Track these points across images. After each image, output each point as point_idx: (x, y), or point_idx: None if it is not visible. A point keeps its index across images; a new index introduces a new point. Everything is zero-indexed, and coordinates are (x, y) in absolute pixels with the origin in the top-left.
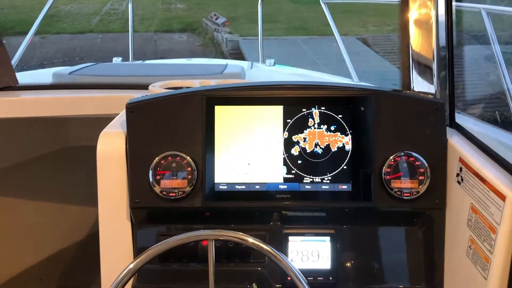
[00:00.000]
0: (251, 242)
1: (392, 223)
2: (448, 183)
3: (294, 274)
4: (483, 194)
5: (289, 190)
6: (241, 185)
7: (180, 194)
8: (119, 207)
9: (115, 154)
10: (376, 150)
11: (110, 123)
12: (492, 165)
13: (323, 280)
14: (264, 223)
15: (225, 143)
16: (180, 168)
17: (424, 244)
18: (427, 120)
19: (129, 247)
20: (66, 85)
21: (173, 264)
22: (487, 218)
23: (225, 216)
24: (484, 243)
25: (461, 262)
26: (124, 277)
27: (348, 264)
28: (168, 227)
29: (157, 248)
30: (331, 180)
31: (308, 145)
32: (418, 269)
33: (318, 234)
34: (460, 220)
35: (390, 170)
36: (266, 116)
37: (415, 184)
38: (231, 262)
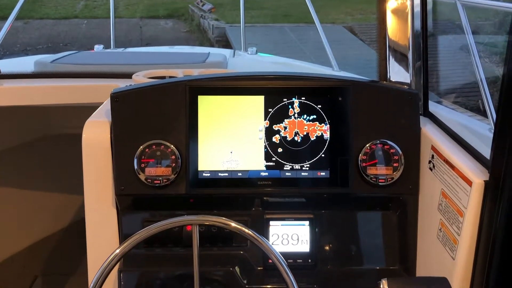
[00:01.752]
0: (234, 227)
1: (368, 207)
2: (421, 170)
3: (275, 256)
4: (452, 180)
5: (270, 177)
6: (224, 172)
7: (165, 182)
8: (104, 194)
9: (100, 143)
10: (353, 139)
11: (94, 112)
12: (462, 152)
13: (302, 262)
14: (246, 208)
15: (208, 132)
16: (165, 156)
17: (398, 227)
18: (402, 110)
19: (115, 233)
20: (49, 74)
21: (158, 248)
22: (455, 203)
23: (208, 202)
24: (453, 226)
25: (432, 244)
26: (111, 262)
27: (326, 247)
28: (153, 214)
29: (143, 234)
30: (310, 167)
31: (288, 134)
32: (392, 251)
33: (298, 219)
34: (432, 205)
35: (366, 158)
36: (248, 106)
37: (390, 170)
38: (214, 246)
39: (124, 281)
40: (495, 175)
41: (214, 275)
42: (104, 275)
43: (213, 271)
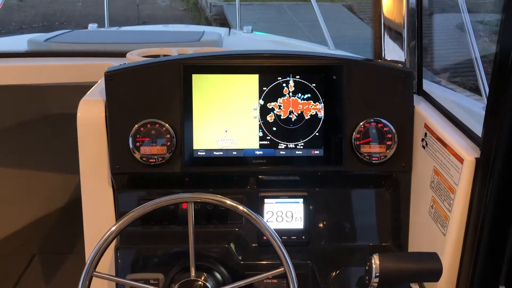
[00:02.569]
0: (229, 204)
1: (361, 185)
2: (414, 148)
3: (269, 233)
4: (444, 158)
5: (264, 155)
6: (219, 151)
7: (160, 160)
8: (100, 172)
9: (95, 122)
10: (347, 117)
11: (89, 91)
12: (454, 130)
13: (296, 239)
14: (241, 187)
15: (202, 110)
16: (159, 135)
17: (391, 204)
18: (396, 88)
19: (111, 211)
20: (43, 53)
21: (154, 226)
22: (447, 180)
23: (203, 181)
24: (444, 202)
25: (424, 220)
26: (107, 239)
27: (320, 224)
28: (149, 192)
29: (139, 211)
30: (304, 146)
31: (283, 113)
32: (385, 227)
33: (292, 197)
34: (424, 182)
35: (360, 136)
36: (242, 84)
37: (383, 148)
38: (209, 223)
39: (121, 258)
40: (486, 153)
41: (210, 251)
42: (100, 252)
43: (208, 248)
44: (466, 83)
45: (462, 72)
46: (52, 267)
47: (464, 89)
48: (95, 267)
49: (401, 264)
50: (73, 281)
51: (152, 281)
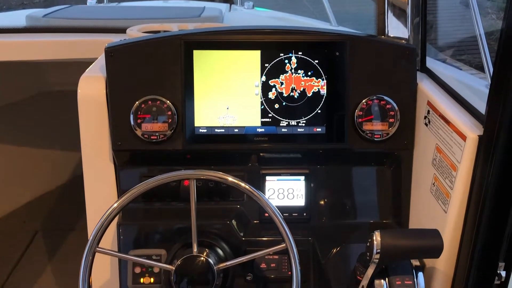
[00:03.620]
0: (231, 181)
1: (363, 163)
2: (416, 125)
3: (271, 209)
4: (447, 135)
5: (266, 133)
6: (220, 128)
7: (161, 137)
8: (102, 149)
9: (96, 98)
10: (349, 94)
11: (89, 67)
12: (458, 108)
13: (297, 216)
14: (242, 164)
15: (204, 87)
16: (161, 112)
17: (392, 182)
18: (399, 65)
19: (113, 189)
20: (41, 29)
21: (156, 203)
22: (449, 157)
23: (205, 158)
24: (446, 180)
25: (425, 198)
26: (109, 216)
27: (321, 201)
28: (151, 169)
29: (140, 188)
30: (306, 123)
31: (285, 89)
32: (386, 205)
33: (294, 174)
34: (426, 160)
35: (362, 113)
36: (244, 61)
37: (386, 126)
38: (211, 200)
39: (123, 234)
40: (489, 130)
41: (211, 228)
42: (103, 228)
43: (210, 225)
44: (472, 61)
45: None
46: (55, 244)
47: (470, 67)
48: (98, 242)
49: (402, 240)
50: (76, 257)
51: (155, 257)
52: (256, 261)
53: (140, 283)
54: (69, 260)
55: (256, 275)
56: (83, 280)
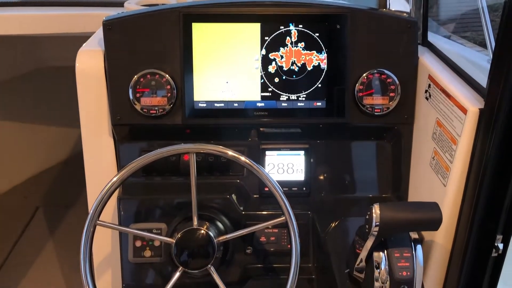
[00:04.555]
0: (231, 155)
1: (363, 137)
2: (417, 99)
3: (271, 183)
4: (447, 109)
5: (266, 107)
6: (220, 103)
7: (161, 112)
8: (101, 124)
9: (94, 72)
10: (350, 68)
11: (87, 41)
12: (459, 81)
13: (297, 190)
14: (242, 139)
15: (203, 60)
16: (160, 86)
17: (392, 156)
18: (400, 39)
19: (113, 163)
20: (37, 2)
21: (156, 177)
22: (449, 131)
23: (204, 133)
24: (446, 154)
25: (424, 172)
26: (109, 190)
27: (321, 176)
28: (150, 143)
29: (141, 161)
30: (307, 98)
31: (285, 63)
32: (386, 179)
33: (293, 149)
34: (426, 134)
35: (362, 87)
36: (243, 34)
37: (386, 100)
38: (211, 175)
39: (124, 208)
40: (490, 103)
41: (211, 202)
42: (103, 201)
43: (210, 199)
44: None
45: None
46: (56, 219)
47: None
48: (98, 215)
49: (401, 213)
50: (77, 232)
51: (155, 231)
52: (256, 235)
53: (141, 256)
54: (70, 235)
55: (256, 248)
56: (84, 253)
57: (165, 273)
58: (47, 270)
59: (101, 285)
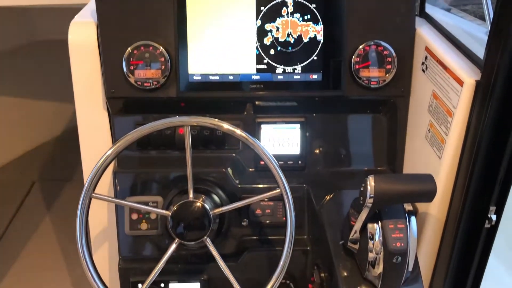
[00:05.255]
0: (226, 128)
1: (359, 110)
2: (413, 71)
3: (266, 156)
4: (444, 81)
5: (261, 80)
6: (215, 75)
7: (155, 84)
8: (95, 97)
9: (87, 45)
10: (346, 40)
11: (79, 13)
12: (456, 53)
13: (292, 164)
14: (237, 112)
15: (197, 32)
16: (154, 58)
17: (388, 129)
18: (397, 10)
19: (108, 137)
20: None
21: (151, 151)
22: (445, 103)
23: (199, 106)
24: (442, 126)
25: (420, 145)
26: (104, 162)
27: (316, 149)
28: (145, 117)
29: (135, 134)
30: (302, 70)
31: (280, 35)
32: (381, 152)
33: (289, 122)
34: (422, 107)
35: (359, 60)
36: (238, 4)
37: (383, 73)
38: (207, 149)
39: (119, 182)
40: (486, 75)
41: (207, 176)
42: (98, 174)
43: (206, 172)
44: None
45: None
46: (52, 194)
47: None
48: (93, 188)
49: (396, 185)
50: (74, 207)
51: (151, 204)
52: (252, 207)
53: (138, 229)
54: (66, 210)
55: (252, 220)
56: (80, 226)
57: (162, 245)
58: (45, 243)
59: (99, 258)
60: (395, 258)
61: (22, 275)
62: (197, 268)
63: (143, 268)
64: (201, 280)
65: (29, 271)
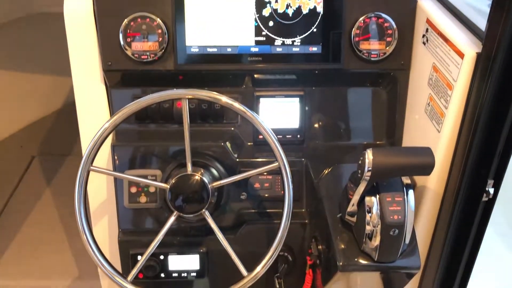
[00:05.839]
0: (225, 102)
1: (358, 84)
2: (414, 44)
3: (265, 130)
4: (445, 54)
5: (260, 52)
6: (213, 48)
7: (152, 57)
8: (92, 70)
9: (83, 16)
10: (347, 12)
11: None
12: (457, 25)
13: (291, 138)
14: (236, 86)
15: (195, 3)
16: (151, 30)
17: (387, 103)
18: None
19: (106, 110)
20: None
21: (150, 124)
22: (445, 76)
23: (198, 79)
24: (441, 99)
25: (419, 118)
26: (102, 135)
27: (315, 123)
28: (143, 90)
29: (132, 107)
30: (302, 42)
31: (279, 6)
32: (380, 126)
33: (288, 96)
34: (422, 80)
35: (359, 32)
36: None
37: (383, 45)
38: (205, 123)
39: (118, 155)
40: (487, 47)
41: (206, 149)
42: (96, 147)
43: (204, 146)
44: None
45: None
46: (52, 168)
47: None
48: (91, 161)
49: (394, 158)
50: (73, 181)
51: (150, 177)
52: (250, 181)
53: (137, 202)
54: (66, 184)
55: (250, 194)
56: (79, 198)
57: (161, 218)
58: (45, 217)
59: (99, 231)
60: (392, 231)
61: (22, 248)
62: (196, 240)
63: (142, 241)
64: (200, 252)
65: (30, 244)
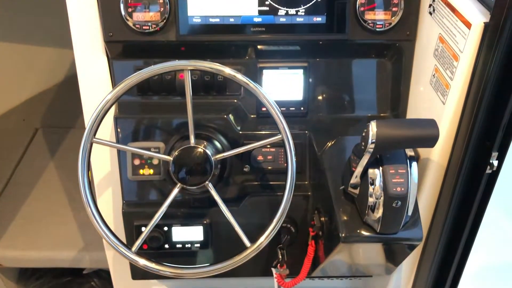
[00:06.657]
0: (228, 73)
1: (363, 55)
2: (420, 14)
3: (268, 102)
4: (451, 24)
5: (263, 23)
6: (215, 18)
7: (154, 28)
8: (93, 42)
9: None
10: None
11: None
12: None
13: (295, 110)
14: (239, 57)
15: None
16: (152, 0)
17: (392, 75)
18: None
19: (108, 82)
20: None
21: (153, 97)
22: (452, 47)
23: (200, 51)
24: (447, 71)
25: (424, 90)
26: (104, 107)
27: (319, 95)
28: (145, 61)
29: (134, 78)
30: (306, 12)
31: None
32: (385, 98)
33: (292, 67)
34: (428, 51)
35: (364, 1)
36: None
37: (388, 15)
38: (208, 95)
39: (121, 127)
40: (495, 17)
41: (208, 122)
42: (98, 118)
43: (207, 119)
44: None
45: None
46: (55, 141)
47: None
48: (94, 133)
49: (398, 130)
50: (77, 153)
51: (153, 149)
52: (253, 154)
53: (140, 174)
54: (70, 156)
55: (253, 166)
56: (82, 170)
57: (164, 190)
58: (49, 189)
59: (103, 203)
60: (394, 203)
61: (28, 219)
62: (199, 212)
63: (146, 212)
64: (204, 224)
65: (35, 216)
